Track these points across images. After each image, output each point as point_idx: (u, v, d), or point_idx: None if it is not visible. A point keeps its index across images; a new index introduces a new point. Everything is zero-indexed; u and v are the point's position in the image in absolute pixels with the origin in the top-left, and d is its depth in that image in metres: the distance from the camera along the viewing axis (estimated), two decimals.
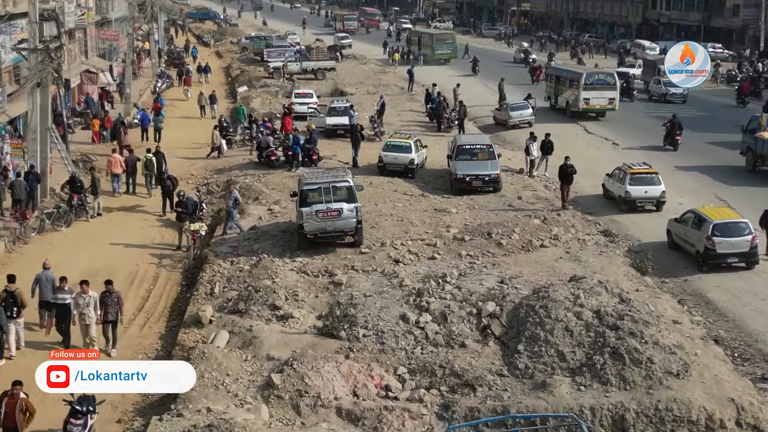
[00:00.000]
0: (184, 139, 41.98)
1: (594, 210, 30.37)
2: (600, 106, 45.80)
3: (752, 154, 34.70)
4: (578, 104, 45.84)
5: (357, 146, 34.12)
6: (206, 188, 32.93)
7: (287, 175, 32.85)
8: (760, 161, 34.25)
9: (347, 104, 41.38)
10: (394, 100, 51.85)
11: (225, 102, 56.04)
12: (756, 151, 34.41)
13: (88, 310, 18.95)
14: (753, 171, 34.59)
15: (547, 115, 46.64)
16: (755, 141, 34.43)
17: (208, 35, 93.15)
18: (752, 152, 34.70)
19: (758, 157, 34.30)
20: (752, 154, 34.70)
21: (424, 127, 43.84)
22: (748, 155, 35.13)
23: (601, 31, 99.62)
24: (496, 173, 30.56)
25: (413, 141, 33.35)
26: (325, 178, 24.81)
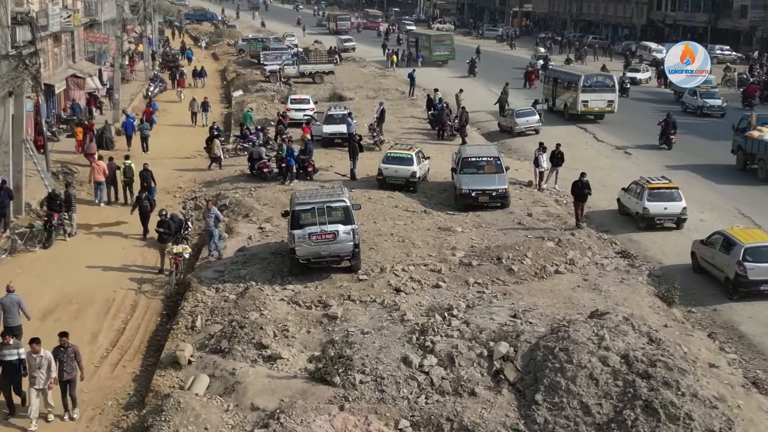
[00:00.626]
0: (174, 148, 39.75)
1: (609, 227, 28.09)
2: (599, 109, 44.64)
3: (742, 152, 34.73)
4: (576, 106, 44.64)
5: (355, 157, 31.83)
6: (194, 203, 30.62)
7: (280, 189, 30.56)
8: (750, 160, 34.21)
9: (345, 111, 39.10)
10: (394, 106, 49.56)
11: (219, 107, 53.83)
12: (746, 149, 34.41)
13: (40, 373, 15.94)
14: (743, 170, 34.51)
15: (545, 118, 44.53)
16: (745, 140, 34.42)
17: (205, 37, 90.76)
18: (742, 151, 34.73)
19: (748, 155, 34.32)
20: (742, 152, 34.73)
21: (425, 135, 41.56)
22: (738, 154, 35.15)
23: (605, 33, 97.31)
24: (504, 188, 28.25)
25: (415, 152, 31.04)
26: (318, 198, 22.49)
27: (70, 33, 44.95)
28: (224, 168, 34.32)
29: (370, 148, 37.51)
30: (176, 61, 68.09)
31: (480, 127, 46.22)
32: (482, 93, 54.85)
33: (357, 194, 29.68)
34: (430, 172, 32.75)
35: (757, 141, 33.63)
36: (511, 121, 43.31)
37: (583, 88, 44.38)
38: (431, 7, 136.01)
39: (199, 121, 43.73)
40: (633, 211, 28.12)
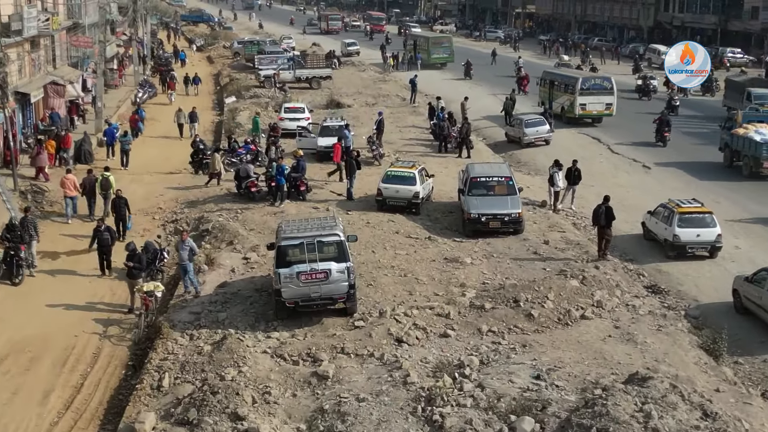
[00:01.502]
0: (158, 161, 36.64)
1: (634, 255, 25.02)
2: (597, 112, 43.21)
3: (729, 150, 34.78)
4: (574, 110, 43.07)
5: (352, 175, 28.71)
6: (174, 226, 27.49)
7: (270, 211, 27.44)
8: (736, 157, 34.25)
9: (341, 123, 35.95)
10: (395, 114, 46.46)
11: (211, 114, 50.68)
12: (732, 147, 34.47)
13: None
14: (729, 166, 34.59)
15: None
16: (731, 137, 34.47)
17: (200, 39, 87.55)
18: (729, 148, 34.77)
19: (734, 152, 34.37)
20: (729, 150, 34.78)
21: (428, 147, 38.42)
22: (725, 151, 35.17)
23: (610, 35, 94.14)
24: (517, 212, 25.11)
25: (418, 170, 27.90)
26: (308, 231, 19.36)
27: (50, 37, 41.80)
28: (209, 186, 31.16)
29: (369, 162, 34.45)
30: (168, 65, 64.99)
31: (485, 137, 43.15)
32: (487, 100, 51.75)
33: (354, 217, 26.63)
34: (434, 191, 29.63)
35: (742, 138, 33.56)
36: (519, 131, 40.20)
37: (580, 91, 42.78)
38: (432, 8, 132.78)
39: (186, 132, 40.48)
40: (661, 237, 25.03)
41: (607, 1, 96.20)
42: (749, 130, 33.42)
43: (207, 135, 44.23)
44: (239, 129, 42.37)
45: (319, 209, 27.62)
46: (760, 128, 33.30)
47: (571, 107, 43.34)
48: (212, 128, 46.47)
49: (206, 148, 33.78)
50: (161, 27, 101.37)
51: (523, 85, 53.36)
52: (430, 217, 27.34)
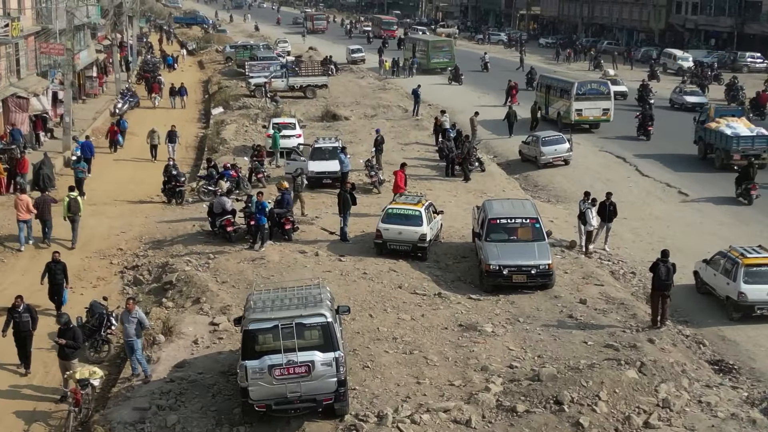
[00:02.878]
0: (129, 187, 31.92)
1: (688, 315, 20.24)
2: (594, 118, 40.97)
3: (702, 143, 35.29)
4: (570, 115, 40.71)
5: (346, 212, 23.86)
6: (133, 275, 22.69)
7: (248, 257, 22.62)
8: (709, 149, 34.74)
9: (336, 143, 31.11)
10: (396, 128, 41.66)
11: (195, 127, 45.85)
12: (705, 140, 35.02)
13: None
14: (703, 158, 35.10)
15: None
16: (705, 131, 35.04)
17: (192, 42, 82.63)
18: (702, 141, 35.29)
19: (707, 145, 34.88)
20: (702, 143, 35.29)
21: (434, 169, 33.58)
22: (699, 144, 35.64)
23: (619, 38, 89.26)
24: (547, 264, 20.29)
25: (424, 207, 23.05)
26: (285, 309, 14.52)
27: (13, 45, 37.02)
28: (179, 222, 26.32)
29: (367, 189, 29.68)
30: (156, 71, 60.21)
31: (496, 154, 38.33)
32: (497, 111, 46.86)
33: (348, 266, 21.84)
34: (443, 227, 24.83)
35: (714, 132, 34.17)
36: (535, 149, 35.40)
37: (576, 96, 40.44)
38: (433, 9, 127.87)
39: (163, 154, 35.23)
40: (721, 294, 20.23)
41: (615, 2, 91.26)
42: (721, 124, 34.17)
43: (188, 152, 39.53)
44: (224, 146, 37.58)
45: (307, 253, 22.81)
46: (731, 122, 34.14)
47: (567, 113, 40.76)
48: (195, 144, 41.65)
49: (180, 174, 28.89)
50: (154, 29, 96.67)
51: (512, 95, 48.25)
52: (439, 263, 22.54)
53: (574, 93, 40.52)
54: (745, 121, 34.61)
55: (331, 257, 22.57)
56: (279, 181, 25.55)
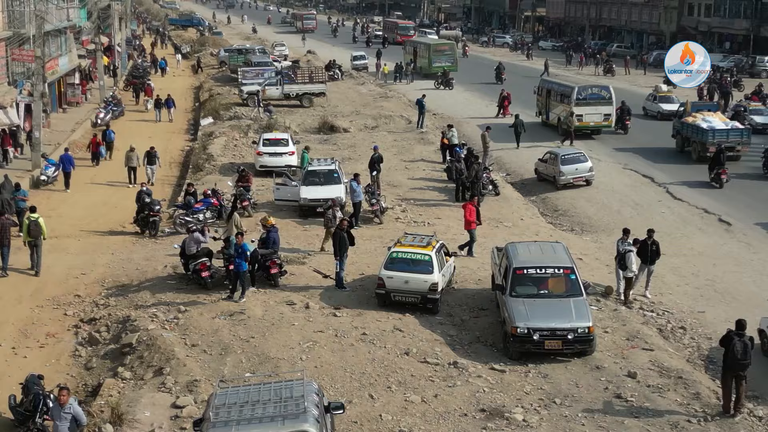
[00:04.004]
0: (100, 213, 28.15)
1: (758, 387, 16.31)
2: (594, 123, 39.00)
3: (680, 136, 36.18)
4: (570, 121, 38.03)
5: (343, 254, 20.00)
6: (89, 331, 18.83)
7: (226, 310, 18.78)
8: (686, 143, 35.45)
9: (332, 165, 27.23)
10: (399, 142, 37.87)
11: (182, 139, 42.02)
12: (683, 133, 35.82)
13: None
14: (681, 151, 35.94)
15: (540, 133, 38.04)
16: (682, 125, 35.89)
17: (186, 45, 78.71)
18: (680, 135, 36.17)
19: (684, 139, 35.68)
20: (680, 136, 36.18)
21: (442, 192, 29.75)
22: (677, 138, 36.47)
23: (628, 40, 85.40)
24: (586, 327, 16.42)
25: (435, 250, 19.17)
26: (255, 426, 10.68)
27: None
28: (149, 261, 22.45)
29: (367, 219, 25.85)
30: (145, 76, 56.46)
31: (509, 172, 34.48)
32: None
33: (344, 323, 18.02)
34: (456, 269, 21.00)
35: (691, 126, 34.95)
36: (554, 168, 31.58)
37: (576, 101, 38.38)
38: (435, 11, 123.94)
39: (141, 177, 31.23)
40: None
41: (624, 4, 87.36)
42: (697, 118, 35.09)
43: (172, 169, 35.69)
44: (210, 164, 33.73)
45: (296, 306, 18.97)
46: (707, 116, 35.16)
47: (567, 118, 38.15)
48: (180, 158, 37.78)
49: (154, 202, 25.01)
50: (149, 32, 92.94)
51: (504, 107, 44.21)
52: (452, 318, 18.68)
53: (575, 98, 38.38)
54: (720, 116, 36.06)
55: (324, 310, 18.74)
56: (264, 216, 21.56)
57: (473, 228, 22.56)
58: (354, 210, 24.86)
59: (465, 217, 22.50)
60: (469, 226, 22.49)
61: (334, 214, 22.41)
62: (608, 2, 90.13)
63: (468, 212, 22.39)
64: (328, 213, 22.47)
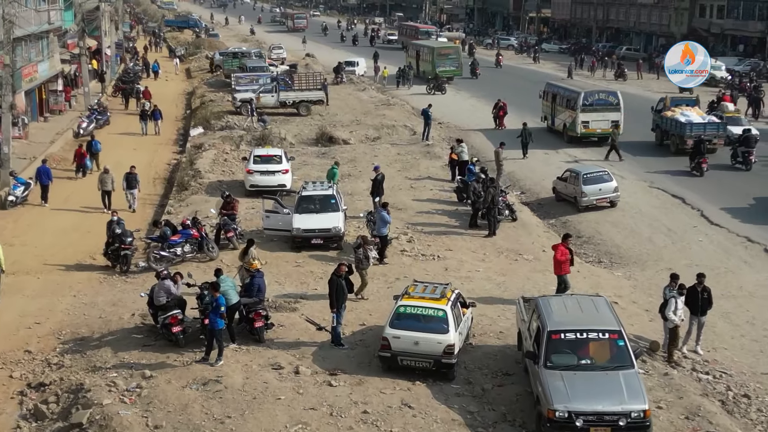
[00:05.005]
0: (69, 241, 24.83)
1: None
2: (601, 131, 36.50)
3: (659, 130, 36.58)
4: (576, 128, 36.71)
5: (340, 306, 16.68)
6: (35, 401, 15.49)
7: (199, 376, 15.43)
8: (665, 136, 36.00)
9: (329, 190, 23.75)
10: (402, 156, 34.57)
11: (169, 151, 38.69)
12: (662, 127, 36.20)
13: None
14: (660, 145, 36.38)
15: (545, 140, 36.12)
16: (661, 119, 36.25)
17: (181, 48, 75.29)
18: (659, 129, 36.57)
19: (663, 132, 36.14)
20: (659, 130, 36.58)
21: (453, 216, 26.32)
22: (656, 131, 36.91)
23: (637, 42, 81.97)
24: (641, 410, 13.08)
25: (450, 303, 15.80)
26: None
27: None
28: (115, 306, 19.13)
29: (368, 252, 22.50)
30: (135, 81, 53.22)
31: (524, 190, 31.13)
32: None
33: (341, 395, 14.74)
34: (474, 320, 17.67)
35: (669, 119, 35.38)
36: (574, 188, 28.25)
37: (582, 107, 36.40)
38: (438, 12, 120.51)
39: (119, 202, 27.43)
40: None
41: (633, 5, 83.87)
42: (676, 113, 35.52)
43: (155, 186, 32.37)
44: (196, 182, 30.41)
45: (284, 370, 15.66)
46: (685, 111, 35.59)
47: (573, 125, 36.83)
48: (166, 174, 34.41)
49: (126, 233, 21.65)
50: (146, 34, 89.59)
51: (500, 117, 40.66)
52: (472, 387, 15.32)
53: (581, 103, 36.29)
54: (698, 110, 36.34)
55: (317, 377, 15.43)
56: (248, 259, 18.19)
57: (565, 273, 18.72)
58: (381, 245, 21.60)
59: (555, 258, 18.74)
60: (560, 270, 18.70)
61: (366, 253, 19.07)
62: (616, 3, 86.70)
63: (559, 253, 18.63)
64: (359, 252, 19.05)
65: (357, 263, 18.89)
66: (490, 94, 51.30)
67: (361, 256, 18.96)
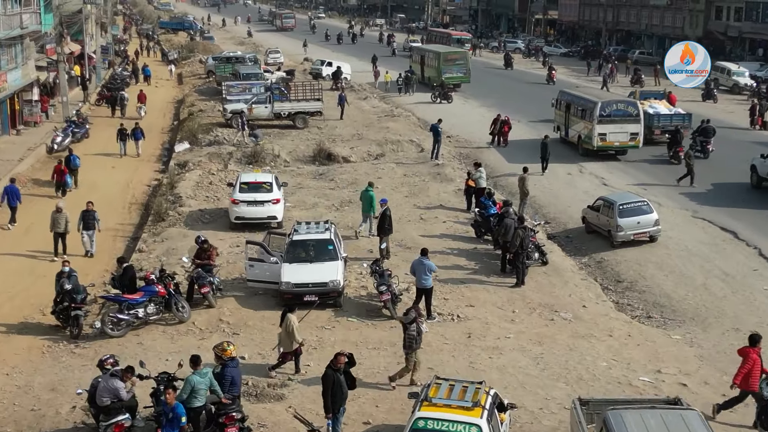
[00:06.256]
0: (21, 285, 20.65)
1: None
2: (619, 143, 33.55)
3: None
4: (592, 140, 33.36)
5: (338, 407, 12.56)
6: None
7: None
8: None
9: (325, 234, 19.39)
10: (409, 178, 30.43)
11: (150, 170, 34.47)
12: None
13: None
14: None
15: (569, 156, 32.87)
16: None
17: (174, 51, 70.99)
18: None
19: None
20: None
21: (472, 259, 22.05)
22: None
23: (649, 46, 77.75)
24: None
25: (485, 414, 11.53)
26: None
27: None
28: (55, 391, 14.97)
29: (374, 311, 18.33)
30: (123, 87, 49.06)
31: (548, 219, 26.94)
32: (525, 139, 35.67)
33: None
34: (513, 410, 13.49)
35: None
36: (608, 220, 24.13)
37: (599, 118, 33.04)
38: (440, 13, 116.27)
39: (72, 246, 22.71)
40: None
41: (645, 7, 79.58)
42: (645, 105, 35.67)
43: (130, 215, 28.18)
44: (176, 210, 26.22)
45: None
46: (653, 103, 36.90)
47: (589, 137, 33.50)
48: (143, 198, 30.11)
49: (77, 289, 17.44)
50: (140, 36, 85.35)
51: (503, 134, 36.32)
52: None
53: (597, 114, 32.96)
54: (665, 103, 37.90)
55: None
56: (222, 344, 13.91)
57: (752, 389, 13.80)
58: (426, 300, 17.72)
59: (743, 370, 13.81)
60: (747, 385, 13.80)
61: (419, 329, 14.87)
62: (627, 5, 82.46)
63: (750, 361, 13.79)
64: (411, 329, 14.73)
65: (409, 343, 14.69)
66: (499, 102, 47.21)
67: (414, 333, 14.73)
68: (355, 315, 17.83)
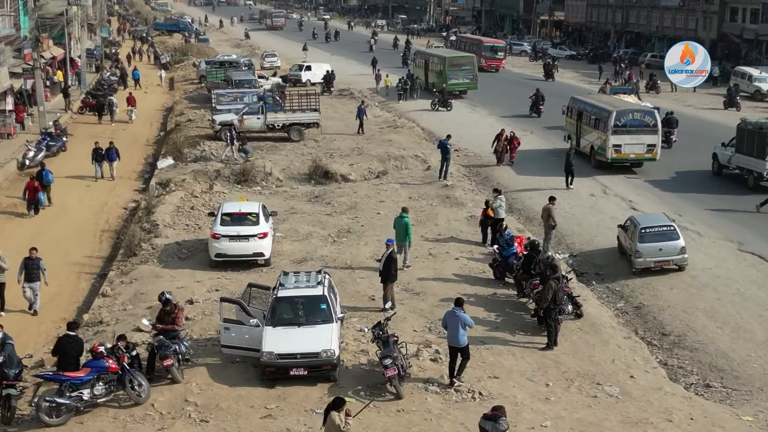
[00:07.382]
0: None
1: None
2: (635, 155, 31.04)
3: None
4: (606, 152, 30.76)
5: None
6: None
7: None
8: None
9: (317, 288, 15.50)
10: (416, 201, 26.84)
11: (129, 190, 30.90)
12: None
13: None
14: None
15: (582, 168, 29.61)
16: None
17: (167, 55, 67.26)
18: None
19: None
20: None
21: (492, 309, 18.43)
22: None
23: (659, 48, 74.05)
24: None
25: None
26: None
27: None
28: None
29: (376, 389, 14.74)
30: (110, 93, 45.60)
31: (573, 251, 23.36)
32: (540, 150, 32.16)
33: None
34: None
35: None
36: (631, 243, 20.81)
37: (614, 129, 30.39)
38: (442, 14, 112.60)
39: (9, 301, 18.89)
40: None
41: (655, 8, 75.93)
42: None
43: (101, 246, 24.64)
44: (149, 243, 22.64)
45: None
46: (622, 98, 36.43)
47: (603, 148, 30.94)
48: (116, 227, 26.43)
49: (9, 362, 13.87)
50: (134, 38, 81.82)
51: (512, 150, 32.42)
52: None
53: (612, 124, 30.37)
54: (634, 98, 38.35)
55: None
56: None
57: None
58: (461, 360, 14.66)
59: None
60: None
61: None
62: (636, 6, 78.81)
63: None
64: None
65: None
66: (510, 109, 43.70)
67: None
68: (353, 393, 14.27)
